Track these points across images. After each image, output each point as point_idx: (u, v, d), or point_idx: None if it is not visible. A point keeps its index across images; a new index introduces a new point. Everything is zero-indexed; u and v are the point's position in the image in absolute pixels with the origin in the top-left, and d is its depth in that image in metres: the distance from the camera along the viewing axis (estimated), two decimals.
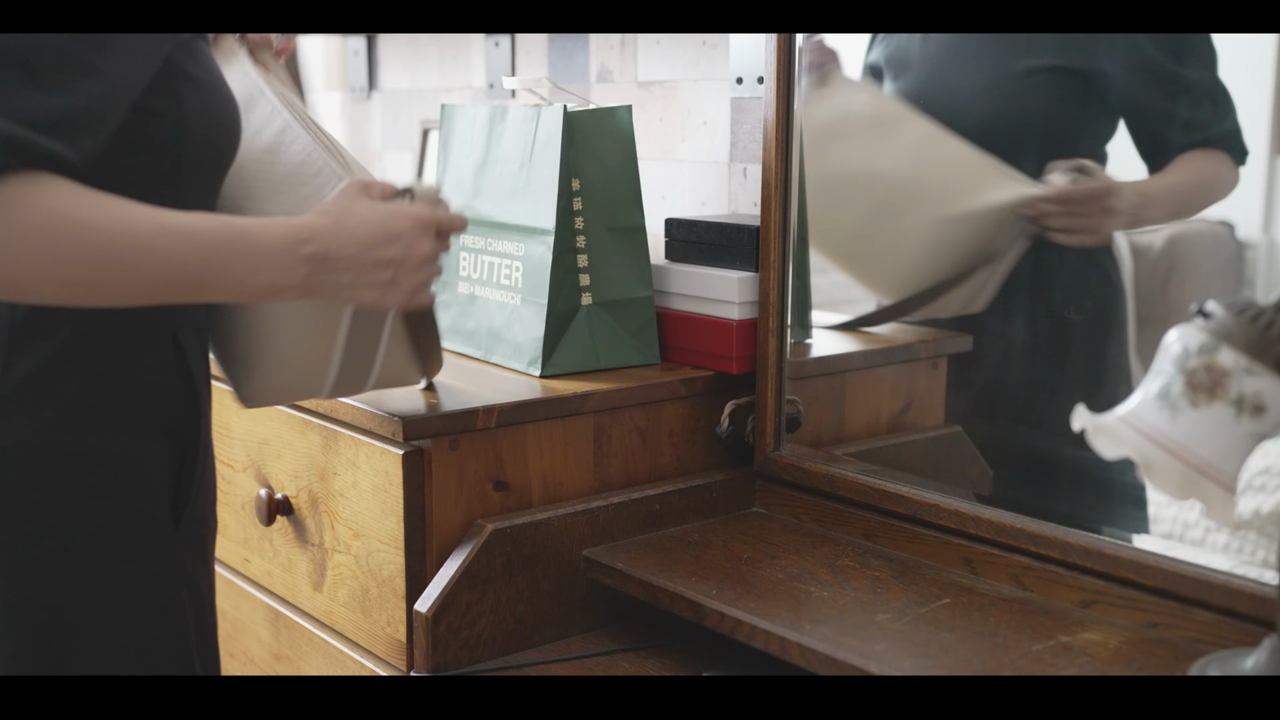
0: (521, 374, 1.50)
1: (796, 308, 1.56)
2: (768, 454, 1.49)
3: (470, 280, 1.61)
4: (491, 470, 1.36)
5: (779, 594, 1.26)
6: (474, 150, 1.61)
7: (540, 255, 1.50)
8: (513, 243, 1.54)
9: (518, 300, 1.53)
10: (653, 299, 1.56)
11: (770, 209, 1.46)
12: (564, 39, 2.00)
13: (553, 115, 1.49)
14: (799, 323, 1.59)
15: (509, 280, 1.55)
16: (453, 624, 1.29)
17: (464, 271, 1.62)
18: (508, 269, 1.55)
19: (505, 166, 1.56)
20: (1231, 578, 1.10)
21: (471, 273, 1.61)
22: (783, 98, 1.45)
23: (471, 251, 1.61)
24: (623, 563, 1.35)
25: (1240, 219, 1.36)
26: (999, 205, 1.48)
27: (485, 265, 1.59)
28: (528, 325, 1.51)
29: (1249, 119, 1.34)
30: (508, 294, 1.55)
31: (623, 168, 1.53)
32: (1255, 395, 0.94)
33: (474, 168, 1.61)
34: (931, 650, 1.12)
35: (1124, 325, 1.47)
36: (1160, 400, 0.97)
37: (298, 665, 1.54)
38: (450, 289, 1.64)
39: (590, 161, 1.51)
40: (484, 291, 1.59)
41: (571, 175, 1.49)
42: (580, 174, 1.50)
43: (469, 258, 1.61)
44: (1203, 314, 0.98)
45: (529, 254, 1.52)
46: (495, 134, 1.58)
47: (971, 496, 1.37)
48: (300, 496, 1.48)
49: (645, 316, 1.56)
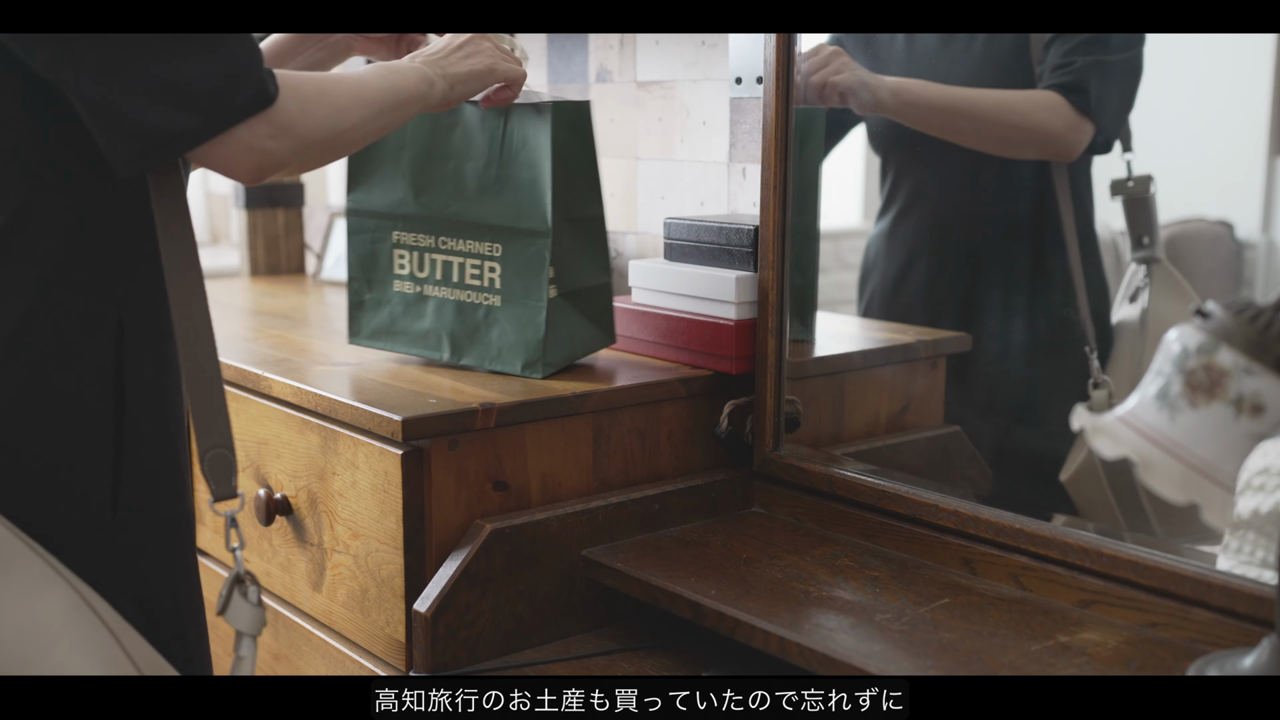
0: (515, 377, 1.48)
1: (801, 307, 1.56)
2: (767, 454, 1.49)
3: (415, 279, 1.55)
4: (491, 470, 1.36)
5: (778, 594, 1.26)
6: (413, 144, 1.52)
7: (531, 256, 1.46)
8: (483, 242, 1.49)
9: (496, 301, 1.49)
10: (610, 285, 1.55)
11: (769, 209, 1.46)
12: (563, 39, 2.00)
13: (531, 113, 1.45)
14: (802, 322, 1.59)
15: (478, 280, 1.51)
16: (452, 624, 1.29)
17: (402, 270, 1.55)
18: (476, 268, 1.51)
19: (464, 163, 1.50)
20: (1230, 578, 1.10)
21: (416, 271, 1.55)
22: (782, 98, 1.45)
23: (414, 249, 1.54)
24: (622, 563, 1.35)
25: (1239, 219, 1.36)
26: None
27: (438, 265, 1.53)
28: (519, 327, 1.48)
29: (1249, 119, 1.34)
30: (478, 294, 1.50)
31: (583, 159, 1.50)
32: (1254, 395, 0.94)
33: (413, 162, 1.53)
34: (931, 650, 1.12)
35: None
36: (1159, 400, 0.97)
37: (297, 665, 1.54)
38: (381, 287, 1.57)
39: (557, 154, 1.47)
40: (439, 291, 1.54)
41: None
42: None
43: (410, 255, 1.55)
44: (1201, 314, 0.98)
45: (512, 254, 1.47)
46: (442, 129, 1.51)
47: (971, 496, 1.37)
48: (299, 496, 1.48)
49: (604, 303, 1.55)
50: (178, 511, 1.20)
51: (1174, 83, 1.47)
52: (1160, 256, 1.43)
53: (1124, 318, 1.47)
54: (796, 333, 1.59)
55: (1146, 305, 1.43)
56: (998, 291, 1.63)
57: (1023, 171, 1.57)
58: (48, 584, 1.05)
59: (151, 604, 1.16)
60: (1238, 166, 1.36)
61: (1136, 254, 1.44)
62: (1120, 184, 1.44)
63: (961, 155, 1.61)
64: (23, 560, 1.04)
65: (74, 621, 1.05)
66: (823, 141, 1.57)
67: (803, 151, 1.52)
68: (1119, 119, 1.44)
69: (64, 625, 1.04)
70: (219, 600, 1.22)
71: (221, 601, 1.21)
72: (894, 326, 1.68)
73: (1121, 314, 1.47)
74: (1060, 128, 1.41)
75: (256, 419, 1.54)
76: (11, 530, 1.05)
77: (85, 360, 1.11)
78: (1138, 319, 1.44)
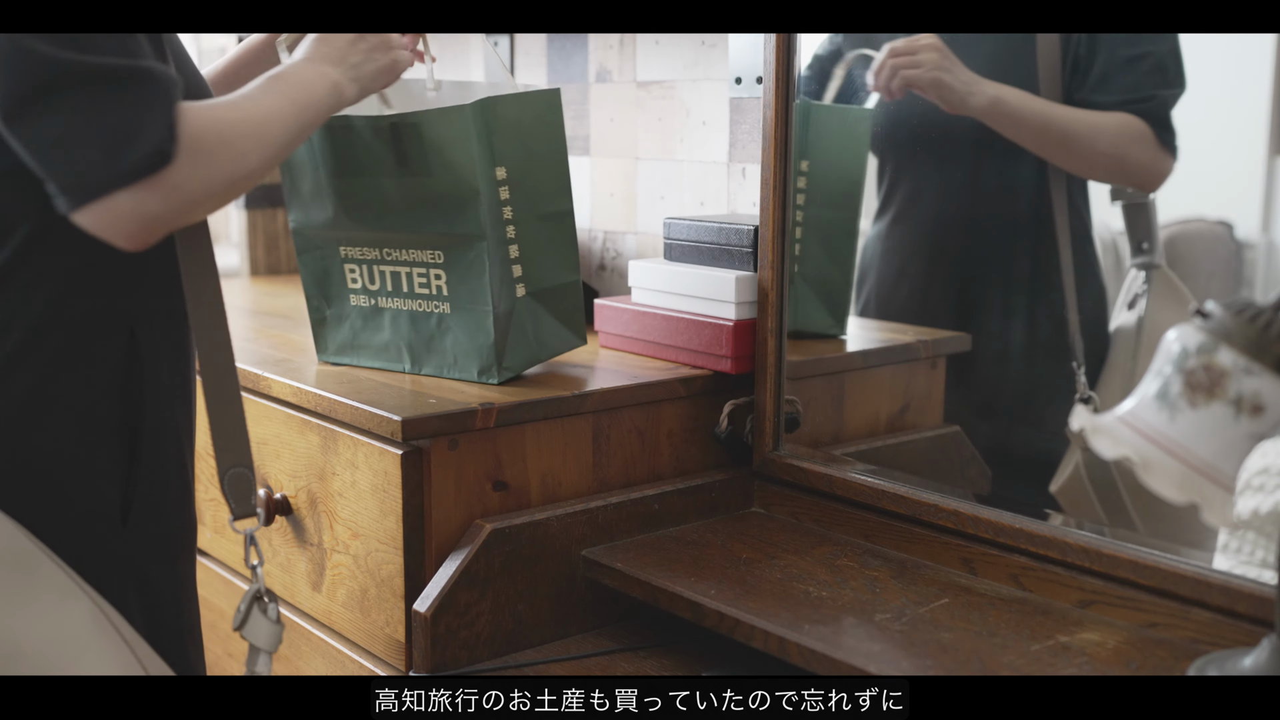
0: (472, 384, 1.44)
1: (836, 303, 1.58)
2: (766, 454, 1.49)
3: (368, 292, 1.51)
4: (490, 470, 1.36)
5: (778, 594, 1.26)
6: (324, 161, 1.45)
7: (472, 261, 1.40)
8: (424, 251, 1.44)
9: (446, 308, 1.45)
10: (580, 283, 1.52)
11: (769, 209, 1.46)
12: (563, 39, 2.00)
13: (445, 117, 1.36)
14: (836, 318, 1.60)
15: (426, 289, 1.46)
16: (451, 624, 1.29)
17: (355, 284, 1.51)
18: (423, 277, 1.45)
19: (379, 178, 1.42)
20: (1230, 578, 1.10)
21: (369, 284, 1.50)
22: (781, 98, 1.45)
23: (362, 263, 1.50)
24: (621, 563, 1.35)
25: (1239, 219, 1.36)
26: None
27: (387, 276, 1.48)
28: (469, 334, 1.44)
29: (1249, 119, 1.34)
30: (428, 303, 1.46)
31: (550, 152, 1.46)
32: (1254, 395, 0.94)
33: (331, 179, 1.45)
34: (930, 650, 1.12)
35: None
36: (1159, 400, 0.97)
37: (296, 665, 1.54)
38: (339, 303, 1.54)
39: (516, 148, 1.41)
40: (393, 303, 1.50)
41: (495, 165, 1.39)
42: (505, 162, 1.40)
43: (360, 269, 1.50)
44: (1201, 314, 0.98)
45: (454, 261, 1.42)
46: (340, 145, 1.42)
47: (970, 496, 1.37)
48: (299, 496, 1.48)
49: (574, 301, 1.52)
50: (183, 521, 1.21)
51: None
52: (1160, 263, 1.42)
53: (1121, 324, 1.47)
54: (830, 328, 1.60)
55: (1144, 313, 1.43)
56: (996, 292, 1.62)
57: (1020, 173, 1.57)
58: (70, 596, 1.05)
59: (156, 613, 1.16)
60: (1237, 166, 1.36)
61: (1136, 260, 1.44)
62: (1120, 190, 1.44)
63: (959, 157, 1.60)
64: (46, 571, 1.04)
65: (98, 633, 1.05)
66: (868, 142, 1.58)
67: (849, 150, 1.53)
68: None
69: (90, 637, 1.04)
70: (237, 616, 1.21)
71: (240, 617, 1.21)
72: (893, 326, 1.68)
73: (1119, 321, 1.47)
74: (1148, 161, 1.42)
75: (256, 419, 1.54)
76: (33, 541, 1.05)
77: (96, 371, 1.10)
78: (1134, 326, 1.44)
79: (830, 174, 1.59)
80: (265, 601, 1.22)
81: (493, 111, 1.38)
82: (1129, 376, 1.41)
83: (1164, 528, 1.31)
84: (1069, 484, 1.46)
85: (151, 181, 0.99)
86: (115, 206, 0.99)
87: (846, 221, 1.56)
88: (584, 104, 1.99)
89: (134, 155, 0.98)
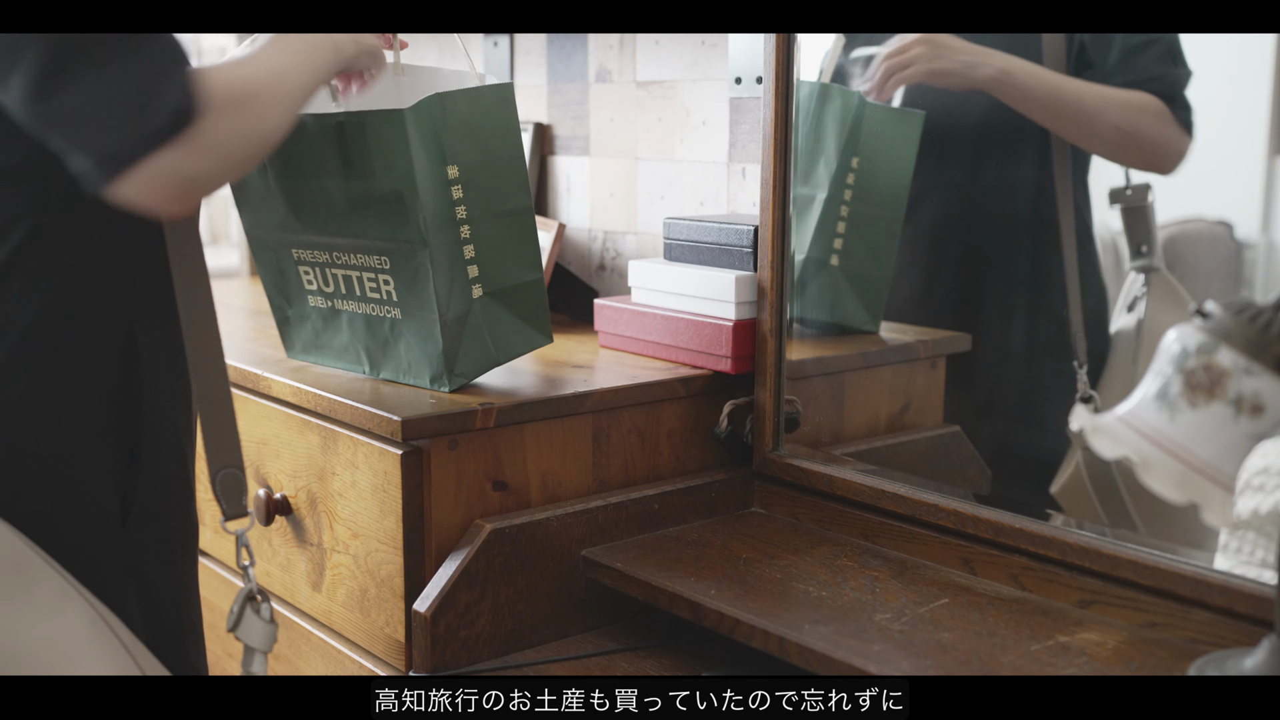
0: (425, 390, 1.42)
1: (872, 300, 1.58)
2: (766, 454, 1.49)
3: (324, 294, 1.48)
4: (490, 470, 1.36)
5: (778, 594, 1.26)
6: (271, 163, 1.41)
7: (416, 268, 1.36)
8: (371, 256, 1.39)
9: (396, 314, 1.41)
10: (543, 281, 1.47)
11: (769, 209, 1.46)
12: (563, 39, 2.00)
13: (386, 119, 1.32)
14: (870, 314, 1.60)
15: (377, 293, 1.42)
16: (451, 624, 1.29)
17: (311, 286, 1.49)
18: (372, 281, 1.41)
19: (324, 179, 1.38)
20: (1230, 577, 1.10)
21: (324, 286, 1.47)
22: (781, 98, 1.45)
23: (315, 266, 1.46)
24: (621, 563, 1.35)
25: (1239, 219, 1.36)
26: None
27: (340, 279, 1.45)
28: (420, 340, 1.40)
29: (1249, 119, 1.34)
30: (380, 307, 1.42)
31: (505, 149, 1.41)
32: (1254, 395, 0.94)
33: (279, 181, 1.42)
34: (930, 650, 1.12)
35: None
36: (1159, 400, 0.97)
37: (296, 665, 1.54)
38: (299, 303, 1.52)
39: (468, 146, 1.37)
40: (348, 306, 1.46)
41: (446, 165, 1.35)
42: (457, 159, 1.36)
43: (314, 271, 1.47)
44: (1201, 314, 0.98)
45: (399, 267, 1.37)
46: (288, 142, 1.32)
47: (970, 496, 1.37)
48: (299, 496, 1.48)
49: (537, 299, 1.46)
50: (184, 522, 1.21)
51: None
52: (1159, 265, 1.42)
53: (1121, 327, 1.47)
54: (865, 324, 1.60)
55: (1143, 316, 1.43)
56: (997, 292, 1.63)
57: (1021, 172, 1.57)
58: (67, 599, 1.05)
59: (156, 615, 1.16)
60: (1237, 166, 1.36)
61: (1135, 263, 1.44)
62: (1119, 192, 1.44)
63: (960, 156, 1.61)
64: (41, 574, 1.04)
65: (96, 637, 1.05)
66: (917, 143, 1.57)
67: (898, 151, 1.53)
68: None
69: (87, 640, 1.04)
70: (230, 617, 1.21)
71: (233, 618, 1.21)
72: (894, 326, 1.68)
73: (1119, 323, 1.47)
74: (1163, 138, 1.38)
75: (256, 419, 1.54)
76: (28, 544, 1.05)
77: (95, 371, 1.10)
78: (1134, 329, 1.44)
79: (879, 173, 1.59)
80: (258, 601, 1.22)
81: (442, 109, 1.34)
82: (1129, 380, 1.41)
83: (1164, 528, 1.31)
84: (1069, 484, 1.46)
85: (185, 140, 0.99)
86: (154, 170, 0.99)
87: (890, 221, 1.56)
88: (584, 104, 1.99)
89: (159, 115, 0.98)
